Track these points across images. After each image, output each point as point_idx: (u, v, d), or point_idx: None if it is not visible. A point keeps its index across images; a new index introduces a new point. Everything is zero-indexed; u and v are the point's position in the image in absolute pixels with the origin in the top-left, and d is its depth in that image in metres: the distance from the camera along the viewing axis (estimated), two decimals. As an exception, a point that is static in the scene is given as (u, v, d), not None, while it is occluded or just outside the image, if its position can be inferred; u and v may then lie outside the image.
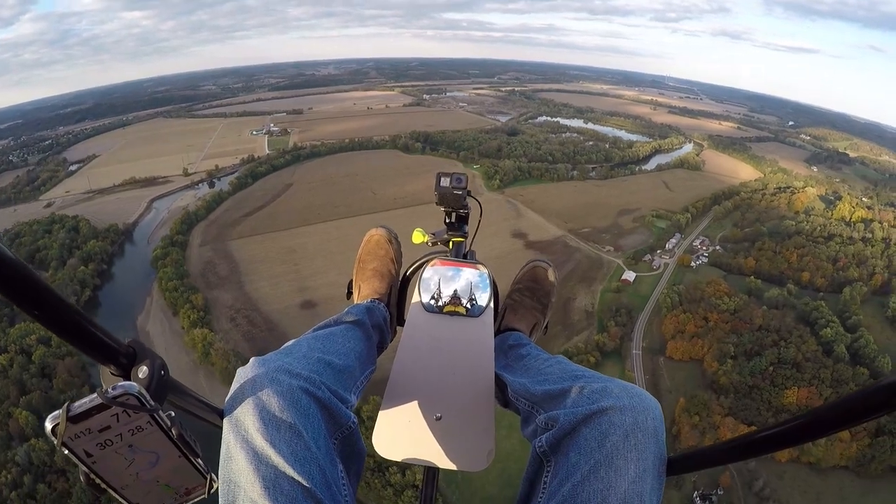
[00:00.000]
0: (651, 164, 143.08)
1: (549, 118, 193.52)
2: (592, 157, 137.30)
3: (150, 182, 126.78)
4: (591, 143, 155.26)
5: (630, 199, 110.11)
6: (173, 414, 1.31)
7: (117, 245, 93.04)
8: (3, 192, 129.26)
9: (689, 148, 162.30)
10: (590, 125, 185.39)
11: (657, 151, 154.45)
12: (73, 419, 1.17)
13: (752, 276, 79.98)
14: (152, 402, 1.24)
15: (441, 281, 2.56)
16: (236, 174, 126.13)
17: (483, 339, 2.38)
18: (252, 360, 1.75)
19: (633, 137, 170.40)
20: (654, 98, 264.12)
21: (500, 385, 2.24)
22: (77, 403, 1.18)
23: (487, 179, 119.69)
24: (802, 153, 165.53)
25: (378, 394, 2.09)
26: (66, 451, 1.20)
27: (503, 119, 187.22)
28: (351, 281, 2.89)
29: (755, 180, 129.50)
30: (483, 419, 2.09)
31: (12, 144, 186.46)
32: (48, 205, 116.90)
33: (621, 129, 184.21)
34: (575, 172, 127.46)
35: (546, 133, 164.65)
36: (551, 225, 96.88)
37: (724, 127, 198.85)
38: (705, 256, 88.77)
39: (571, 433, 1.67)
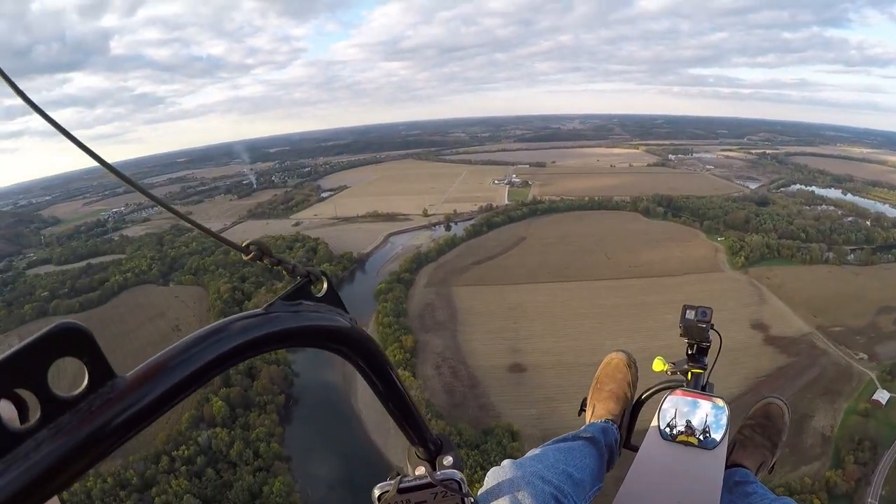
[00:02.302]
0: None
1: (802, 187, 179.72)
2: (851, 238, 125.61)
3: (391, 217, 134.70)
4: (850, 219, 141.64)
5: (894, 293, 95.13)
6: (473, 500, 1.57)
7: (349, 271, 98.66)
8: (261, 206, 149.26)
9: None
10: (849, 197, 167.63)
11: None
12: (401, 490, 1.46)
13: None
14: (467, 490, 1.54)
15: (678, 410, 2.67)
16: (472, 221, 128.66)
17: (712, 474, 2.47)
18: (507, 461, 2.03)
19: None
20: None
21: None
22: (408, 478, 1.48)
23: (731, 255, 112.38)
24: None
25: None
26: None
27: (752, 186, 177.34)
28: (585, 399, 3.16)
29: None
30: None
31: (277, 167, 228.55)
32: (296, 224, 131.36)
33: (885, 203, 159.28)
34: (831, 254, 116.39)
35: (799, 205, 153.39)
36: (798, 318, 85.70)
37: None
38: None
39: None
